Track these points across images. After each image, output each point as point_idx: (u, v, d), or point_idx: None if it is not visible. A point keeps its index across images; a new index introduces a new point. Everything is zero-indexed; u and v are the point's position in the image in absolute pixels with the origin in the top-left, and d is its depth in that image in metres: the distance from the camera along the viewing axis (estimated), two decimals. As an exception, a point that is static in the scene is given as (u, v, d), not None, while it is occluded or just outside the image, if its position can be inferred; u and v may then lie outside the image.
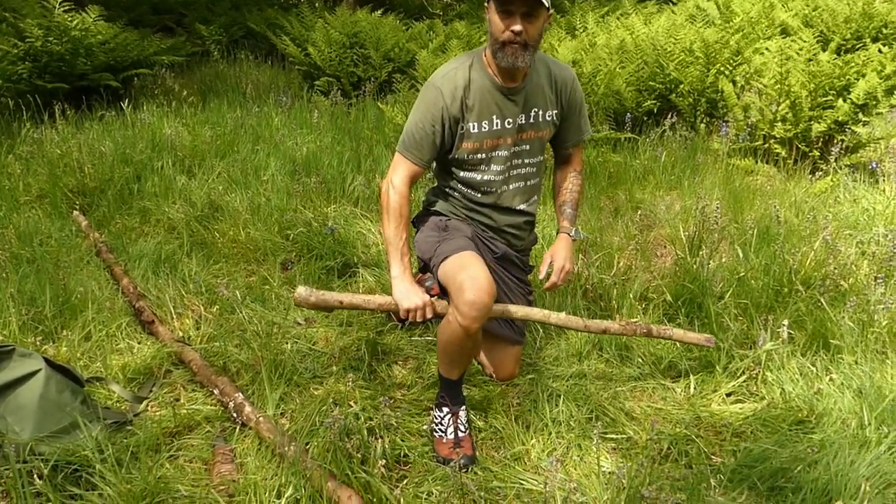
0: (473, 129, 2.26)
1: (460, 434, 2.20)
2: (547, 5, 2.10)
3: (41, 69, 5.47)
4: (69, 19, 5.78)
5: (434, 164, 2.46)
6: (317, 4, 9.95)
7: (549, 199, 3.84)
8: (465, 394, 2.33)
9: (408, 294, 2.17)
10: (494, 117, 2.27)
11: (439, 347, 2.24)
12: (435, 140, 2.24)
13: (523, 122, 2.32)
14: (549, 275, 2.37)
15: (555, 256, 2.39)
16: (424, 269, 2.42)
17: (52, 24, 5.62)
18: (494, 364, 2.51)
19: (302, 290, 2.17)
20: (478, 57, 2.27)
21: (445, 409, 2.24)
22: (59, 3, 5.83)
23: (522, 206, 2.44)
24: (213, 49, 8.04)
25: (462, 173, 2.36)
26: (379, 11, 7.30)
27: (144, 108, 5.39)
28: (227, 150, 4.65)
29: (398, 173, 2.26)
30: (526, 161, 2.39)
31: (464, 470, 2.10)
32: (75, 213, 3.80)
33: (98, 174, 4.16)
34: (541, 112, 2.34)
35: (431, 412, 2.32)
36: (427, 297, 2.19)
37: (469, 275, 2.11)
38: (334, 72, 6.37)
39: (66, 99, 5.42)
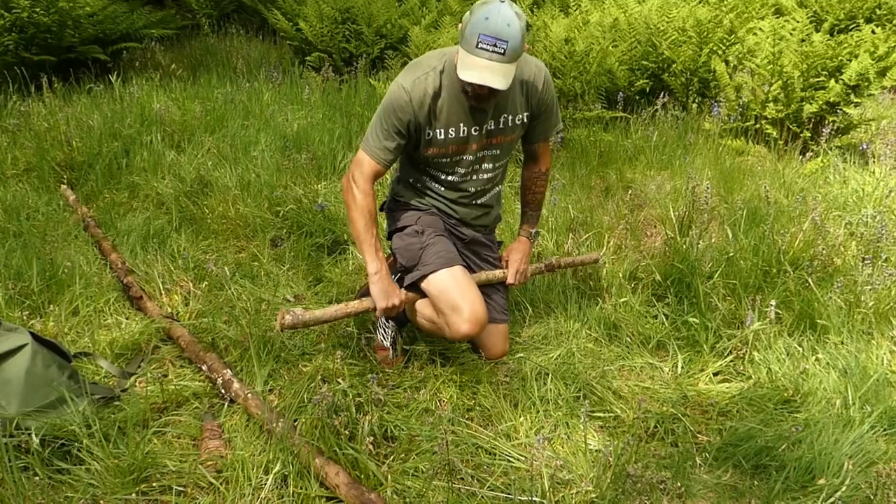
0: (440, 136, 2.26)
1: (392, 349, 2.50)
2: (509, 85, 2.06)
3: (28, 41, 5.37)
4: (56, -10, 5.68)
5: (401, 156, 2.46)
6: (308, -22, 9.81)
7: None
8: (453, 371, 2.43)
9: (386, 293, 2.26)
10: (462, 125, 2.26)
11: (417, 319, 2.43)
12: (399, 143, 2.24)
13: (492, 128, 2.31)
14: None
15: (511, 258, 2.53)
16: (403, 270, 2.42)
17: (39, -6, 5.52)
18: (485, 344, 2.52)
19: (289, 318, 2.12)
20: (450, 61, 2.22)
21: (392, 324, 2.51)
22: (46, -26, 5.72)
23: (482, 201, 2.48)
24: (203, 23, 7.92)
25: (428, 168, 2.38)
26: (371, -14, 7.20)
27: (133, 81, 5.32)
28: (217, 126, 4.60)
29: (361, 171, 2.26)
30: (493, 165, 2.41)
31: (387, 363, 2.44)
32: (63, 187, 3.77)
33: (86, 148, 4.11)
34: (510, 117, 2.32)
35: (378, 320, 2.52)
36: (403, 294, 2.31)
37: (468, 303, 2.25)
38: (326, 47, 6.29)
39: (53, 71, 5.34)
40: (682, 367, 2.56)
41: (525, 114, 2.35)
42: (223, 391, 2.23)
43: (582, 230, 3.39)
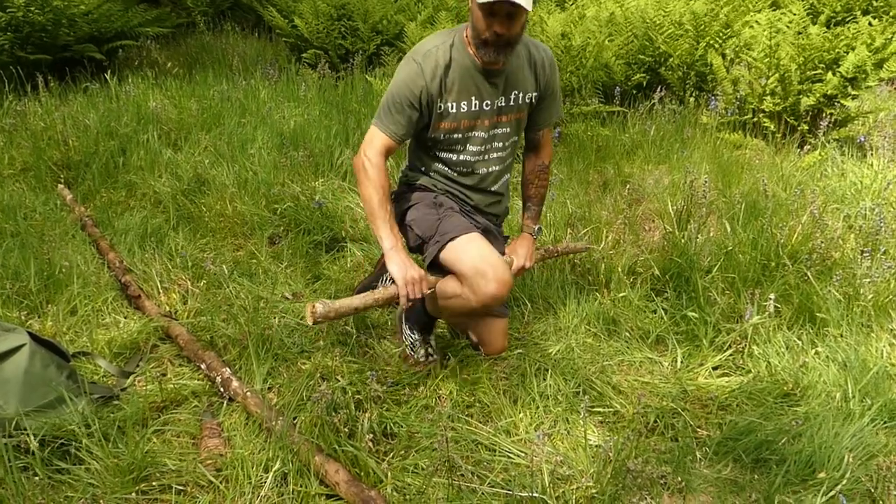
0: (452, 108, 2.26)
1: (430, 359, 2.43)
2: (530, 6, 2.07)
3: (23, 40, 5.36)
4: (50, -12, 5.66)
5: (411, 142, 2.45)
6: (304, -25, 9.78)
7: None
8: (452, 368, 2.40)
9: (404, 266, 2.16)
10: (473, 98, 2.26)
11: (440, 303, 2.31)
12: (412, 116, 2.23)
13: (503, 104, 2.32)
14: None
15: (517, 254, 2.49)
16: (417, 248, 2.39)
17: (34, -7, 5.50)
18: (484, 340, 2.52)
19: (320, 307, 2.01)
20: (459, 35, 2.24)
21: (418, 335, 2.44)
22: (41, -28, 5.70)
23: (495, 188, 2.47)
24: (198, 20, 7.89)
25: (439, 153, 2.37)
26: (367, -18, 7.19)
27: (129, 80, 5.30)
28: (214, 124, 4.59)
29: (373, 146, 2.25)
30: (503, 143, 2.40)
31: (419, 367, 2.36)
32: (60, 186, 3.76)
33: (83, 147, 4.11)
34: (520, 94, 2.34)
35: (402, 328, 2.46)
36: (422, 270, 2.20)
37: (491, 265, 2.17)
38: (322, 44, 6.28)
39: (49, 70, 5.32)
40: (681, 362, 2.56)
41: (534, 94, 2.37)
42: (222, 389, 2.23)
43: (580, 225, 3.39)
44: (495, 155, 2.40)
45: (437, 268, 2.29)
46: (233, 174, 3.83)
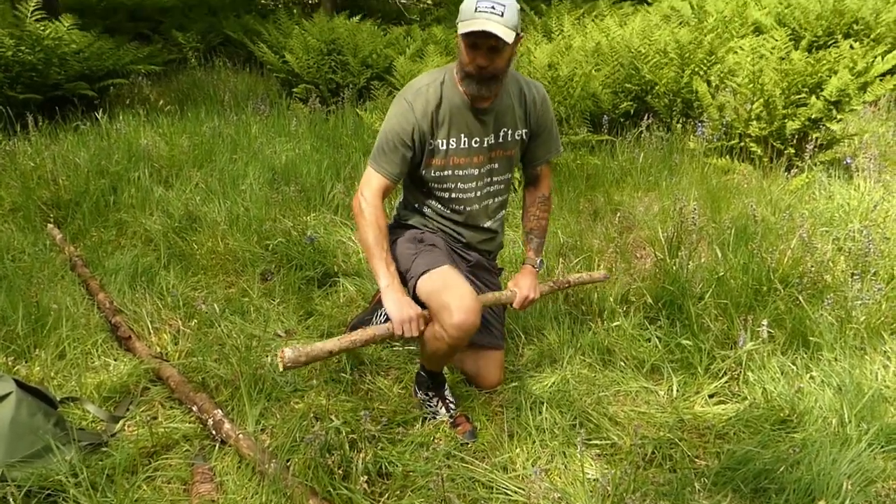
0: (442, 146, 2.28)
1: (451, 411, 2.35)
2: (511, 41, 2.08)
3: (13, 80, 5.38)
4: (41, 28, 5.70)
5: (405, 178, 2.45)
6: (294, 11, 9.90)
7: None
8: (449, 400, 2.39)
9: (400, 305, 2.13)
10: (463, 136, 2.29)
11: (425, 353, 2.29)
12: (405, 155, 2.25)
13: (493, 141, 2.34)
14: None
15: (519, 286, 2.45)
16: (405, 283, 2.37)
17: (24, 33, 5.54)
18: (480, 373, 2.50)
19: (289, 353, 1.93)
20: (449, 73, 2.27)
21: (431, 393, 2.37)
22: (32, 13, 5.74)
23: (489, 224, 2.48)
24: (190, 56, 7.96)
25: (431, 189, 2.38)
26: (356, 17, 7.27)
27: (120, 117, 5.33)
28: (205, 160, 4.60)
29: (370, 187, 2.27)
30: (495, 179, 2.42)
31: (471, 441, 2.26)
32: (49, 226, 3.74)
33: (73, 186, 4.10)
34: (510, 131, 2.36)
35: (417, 394, 2.42)
36: (418, 308, 2.17)
37: (455, 294, 2.14)
38: (312, 78, 6.33)
39: (39, 109, 5.34)
40: (677, 391, 2.54)
41: (524, 130, 2.39)
42: (214, 432, 2.20)
43: (572, 254, 3.39)
44: (487, 191, 2.42)
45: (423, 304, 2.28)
46: (224, 210, 3.83)
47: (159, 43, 8.68)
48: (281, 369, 1.97)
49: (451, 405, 2.38)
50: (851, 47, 4.80)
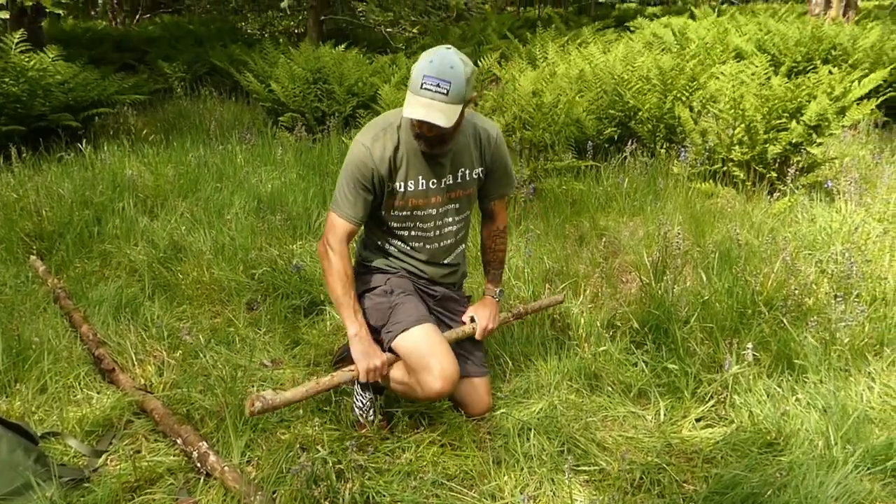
0: (400, 188, 2.32)
1: (378, 416, 2.42)
2: (452, 124, 2.11)
3: (-4, 111, 5.38)
4: (26, 60, 5.72)
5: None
6: (280, 40, 9.98)
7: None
8: (432, 432, 2.40)
9: (367, 354, 2.26)
10: (421, 178, 2.33)
11: (392, 387, 2.39)
12: (367, 198, 2.30)
13: (451, 182, 2.38)
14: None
15: (478, 315, 2.53)
16: (375, 332, 2.42)
17: (8, 65, 5.55)
18: (468, 401, 2.49)
19: (258, 405, 2.01)
20: (406, 117, 2.29)
21: (368, 395, 2.41)
22: (16, 44, 5.75)
23: (449, 260, 2.53)
24: (176, 86, 7.99)
25: (392, 229, 2.42)
26: (342, 46, 7.34)
27: (105, 147, 5.32)
28: (191, 189, 4.60)
29: (334, 233, 2.32)
30: (455, 219, 2.47)
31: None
32: (32, 258, 3.72)
33: (56, 217, 4.08)
34: (467, 171, 2.41)
35: (354, 393, 2.45)
36: (385, 355, 2.29)
37: (438, 361, 2.24)
38: (298, 107, 6.36)
39: (22, 141, 5.32)
40: (664, 415, 2.54)
41: (480, 168, 2.44)
42: (199, 465, 2.17)
43: (558, 280, 3.40)
44: (447, 230, 2.47)
45: (395, 353, 2.36)
46: (210, 240, 3.82)
47: (145, 73, 8.72)
48: (248, 414, 2.04)
49: (381, 413, 2.45)
50: (830, 72, 4.89)
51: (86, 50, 9.14)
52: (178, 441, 2.27)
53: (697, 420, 2.54)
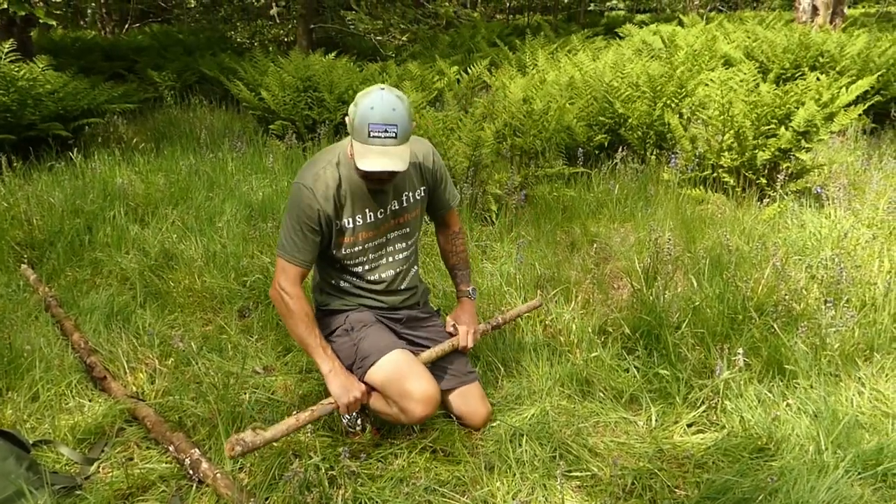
0: (349, 224, 2.32)
1: (367, 426, 2.44)
2: (406, 166, 2.13)
3: (-14, 121, 5.36)
4: (16, 69, 5.70)
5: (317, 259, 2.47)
6: (270, 49, 9.99)
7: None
8: (424, 437, 2.40)
9: (345, 389, 2.25)
10: (368, 210, 2.33)
11: (374, 408, 2.38)
12: (315, 240, 2.29)
13: (396, 207, 2.39)
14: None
15: (459, 320, 2.55)
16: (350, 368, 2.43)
17: (-2, 75, 5.53)
18: (466, 412, 2.47)
19: (238, 448, 1.98)
20: (343, 152, 2.31)
21: (353, 414, 2.41)
22: (6, 54, 5.74)
23: (405, 285, 2.52)
24: (166, 95, 7.99)
25: (345, 266, 2.42)
26: (332, 54, 7.36)
27: (96, 156, 5.31)
28: (181, 198, 4.59)
29: (285, 278, 2.30)
30: (406, 244, 2.48)
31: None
32: (23, 266, 3.70)
33: (47, 226, 4.07)
34: (411, 194, 2.42)
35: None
36: (362, 386, 2.29)
37: (414, 383, 2.26)
38: (288, 115, 6.37)
39: (13, 150, 5.31)
40: (656, 420, 2.55)
41: (422, 188, 2.46)
42: (191, 472, 2.17)
43: (549, 286, 3.41)
44: (400, 256, 2.47)
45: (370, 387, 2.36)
46: (201, 248, 3.82)
47: (135, 82, 8.71)
48: (227, 457, 2.02)
49: (369, 422, 2.46)
50: (818, 79, 4.93)
51: (75, 59, 9.11)
52: (171, 448, 2.27)
53: (689, 425, 2.55)
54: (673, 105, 5.35)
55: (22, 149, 5.46)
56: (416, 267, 2.57)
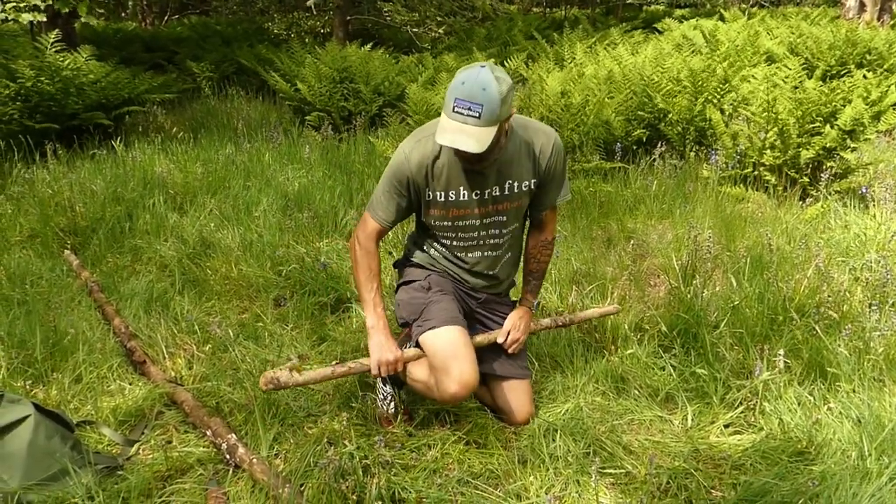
0: (440, 198, 2.30)
1: (400, 408, 2.44)
2: (485, 148, 2.05)
3: (32, 109, 5.49)
4: (61, 59, 5.82)
5: (416, 217, 2.49)
6: (307, 40, 10.06)
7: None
8: (458, 430, 2.40)
9: (381, 348, 2.27)
10: (462, 188, 2.29)
11: (410, 385, 2.41)
12: (400, 203, 2.30)
13: (497, 193, 2.32)
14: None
15: (512, 325, 2.51)
16: (404, 325, 2.46)
17: (44, 64, 5.65)
18: (510, 408, 2.46)
19: (271, 384, 2.12)
20: None
21: (388, 388, 2.43)
22: (51, 44, 5.86)
23: (493, 272, 2.49)
24: (204, 85, 8.09)
25: (434, 234, 2.41)
26: (368, 46, 7.38)
27: (136, 145, 5.40)
28: (219, 187, 4.65)
29: (364, 231, 2.35)
30: (501, 231, 2.41)
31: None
32: (66, 252, 3.78)
33: (89, 213, 4.15)
34: (516, 183, 2.33)
35: (376, 384, 2.48)
36: (399, 352, 2.30)
37: (458, 365, 2.24)
38: (325, 106, 6.40)
39: (57, 138, 5.42)
40: (692, 420, 2.52)
41: (532, 180, 2.36)
42: (228, 456, 2.19)
43: (585, 282, 3.38)
44: (491, 242, 2.42)
45: (421, 347, 2.36)
46: (238, 237, 3.86)
47: (174, 72, 8.84)
48: (261, 390, 2.13)
49: (403, 404, 2.47)
50: (865, 77, 4.81)
51: (117, 50, 9.27)
52: (208, 433, 2.30)
53: (726, 426, 2.51)
54: (715, 100, 5.26)
55: (66, 137, 5.58)
56: (509, 255, 2.50)
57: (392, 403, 2.44)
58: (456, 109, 2.03)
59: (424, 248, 2.49)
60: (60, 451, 2.00)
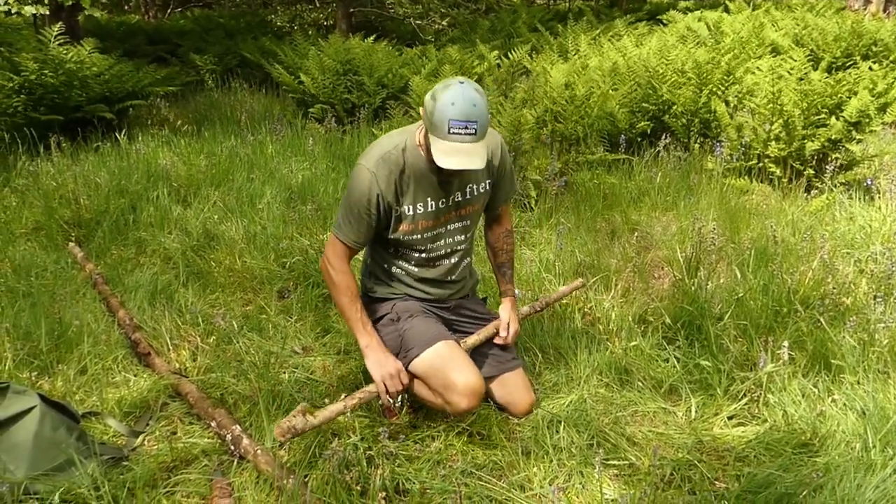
0: (409, 211, 2.29)
1: (404, 400, 2.42)
2: (485, 164, 2.10)
3: (36, 102, 5.48)
4: (64, 52, 5.82)
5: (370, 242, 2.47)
6: (310, 32, 10.03)
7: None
8: (462, 420, 2.39)
9: (380, 365, 2.27)
10: (430, 199, 2.30)
11: (419, 396, 2.38)
12: (370, 223, 2.27)
13: (460, 199, 2.36)
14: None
15: (501, 316, 2.52)
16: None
17: (48, 57, 5.65)
18: (510, 400, 2.46)
19: (289, 434, 2.01)
20: (410, 139, 2.27)
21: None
22: (55, 37, 5.86)
23: (454, 277, 2.49)
24: (207, 78, 8.06)
25: (399, 251, 2.40)
26: (371, 38, 7.35)
27: (139, 138, 5.40)
28: (223, 179, 4.65)
29: (334, 253, 2.32)
30: (465, 236, 2.46)
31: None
32: (71, 244, 3.79)
33: (93, 205, 4.16)
34: (475, 186, 2.38)
35: None
36: (399, 363, 2.28)
37: (458, 375, 2.23)
38: (328, 99, 6.39)
39: (61, 131, 5.42)
40: (695, 412, 2.52)
41: (487, 181, 2.41)
42: (232, 447, 2.20)
43: (589, 274, 3.38)
44: (458, 248, 2.45)
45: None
46: (242, 229, 3.87)
47: (177, 65, 8.81)
48: (278, 441, 2.09)
49: (408, 399, 2.45)
50: (871, 68, 4.79)
51: (120, 43, 9.24)
52: (213, 424, 2.31)
53: (730, 418, 2.51)
54: (719, 92, 5.24)
55: (69, 129, 5.57)
56: (468, 258, 2.55)
57: (399, 399, 2.43)
58: (452, 131, 2.04)
59: (383, 273, 2.47)
60: (66, 441, 2.01)
